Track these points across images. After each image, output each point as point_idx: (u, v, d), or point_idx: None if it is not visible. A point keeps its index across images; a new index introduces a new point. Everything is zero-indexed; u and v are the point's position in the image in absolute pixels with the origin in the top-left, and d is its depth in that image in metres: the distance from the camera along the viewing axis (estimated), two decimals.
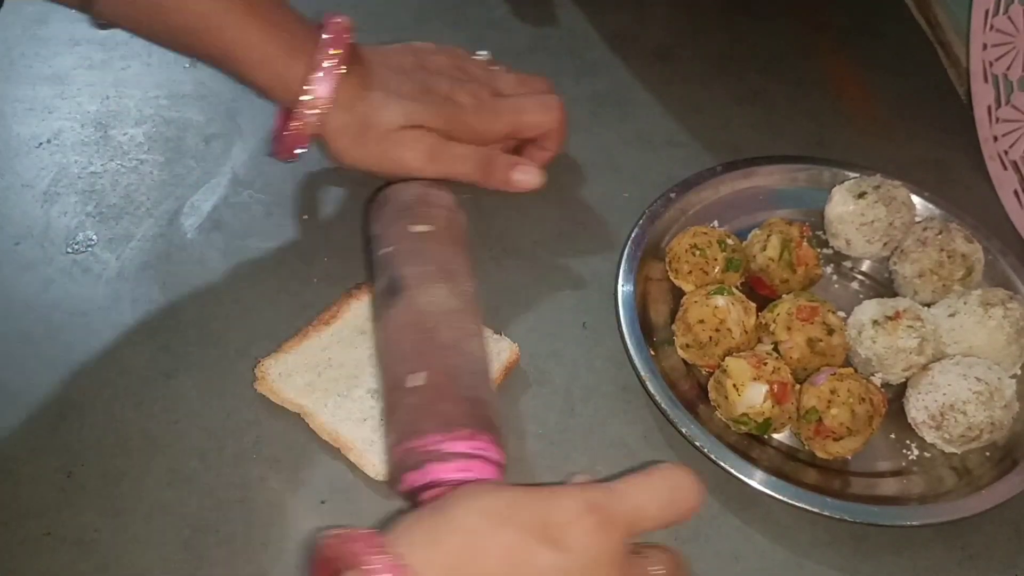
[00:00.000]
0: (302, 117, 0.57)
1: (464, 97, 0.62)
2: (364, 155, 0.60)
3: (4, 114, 0.68)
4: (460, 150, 0.61)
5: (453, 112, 0.61)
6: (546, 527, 0.39)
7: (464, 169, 0.61)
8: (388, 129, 0.59)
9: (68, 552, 0.48)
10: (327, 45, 0.57)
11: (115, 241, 0.61)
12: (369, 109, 0.59)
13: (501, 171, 0.62)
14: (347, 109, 0.58)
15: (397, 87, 0.60)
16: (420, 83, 0.61)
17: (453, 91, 0.62)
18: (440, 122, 0.60)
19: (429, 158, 0.60)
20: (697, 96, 0.74)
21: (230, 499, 0.51)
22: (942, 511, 0.51)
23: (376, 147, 0.60)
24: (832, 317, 0.55)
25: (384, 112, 0.59)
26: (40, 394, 0.54)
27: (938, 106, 0.75)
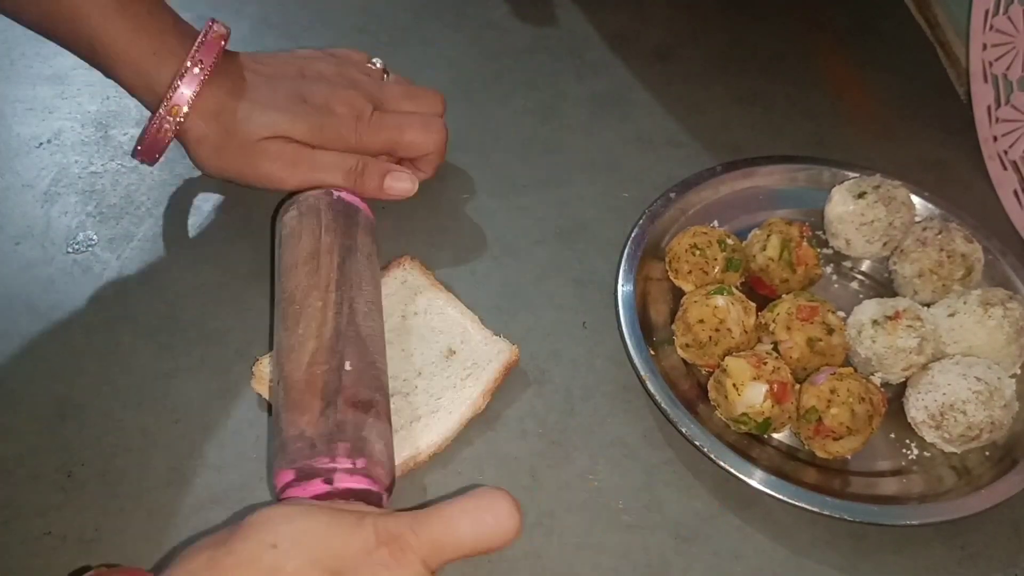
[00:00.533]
0: (160, 122, 0.57)
1: (340, 107, 0.60)
2: (225, 166, 0.59)
3: (4, 114, 0.68)
4: (325, 158, 0.60)
5: (324, 122, 0.59)
6: (336, 561, 0.38)
7: (331, 178, 0.59)
8: (250, 139, 0.58)
9: (68, 552, 0.48)
10: (197, 51, 0.56)
11: (115, 241, 0.61)
12: (232, 120, 0.58)
13: (374, 178, 0.60)
14: (210, 118, 0.57)
15: (266, 97, 0.59)
16: (293, 92, 0.60)
17: (329, 99, 0.60)
18: (306, 132, 0.59)
19: (291, 166, 0.59)
20: (697, 96, 0.74)
21: (230, 499, 0.51)
22: (942, 510, 0.51)
23: (237, 158, 0.59)
24: (832, 317, 0.55)
25: (247, 123, 0.58)
26: (40, 394, 0.54)
27: (938, 106, 0.75)
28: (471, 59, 0.75)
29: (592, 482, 0.53)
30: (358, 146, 0.61)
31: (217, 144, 0.58)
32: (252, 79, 0.59)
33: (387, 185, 0.61)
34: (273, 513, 0.40)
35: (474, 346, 0.56)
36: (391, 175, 0.61)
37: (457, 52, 0.76)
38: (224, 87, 0.57)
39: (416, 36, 0.77)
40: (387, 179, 0.61)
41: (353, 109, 0.60)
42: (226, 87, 0.58)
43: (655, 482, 0.53)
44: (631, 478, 0.53)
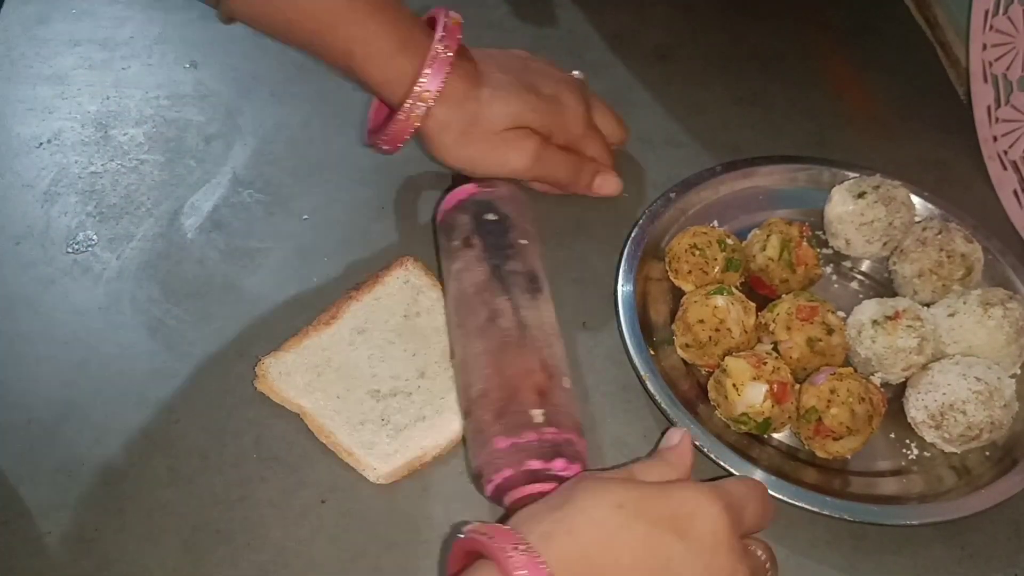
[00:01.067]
0: (410, 109, 0.57)
1: (569, 99, 0.62)
2: (466, 153, 0.60)
3: (4, 114, 0.68)
4: (560, 156, 0.62)
5: (556, 112, 0.61)
6: (675, 519, 0.40)
7: (560, 174, 0.62)
8: (494, 128, 0.59)
9: (68, 551, 0.48)
10: (439, 41, 0.57)
11: (115, 241, 0.61)
12: (476, 107, 0.59)
13: (587, 177, 0.64)
14: (453, 106, 0.58)
15: (502, 87, 0.60)
16: (526, 83, 0.61)
17: (559, 94, 0.62)
18: (543, 122, 0.61)
19: (534, 160, 0.60)
20: (697, 96, 0.74)
21: (230, 499, 0.51)
22: (942, 510, 0.51)
23: (480, 145, 0.60)
24: (832, 317, 0.55)
25: (491, 110, 0.59)
26: (40, 394, 0.54)
27: (938, 106, 0.75)
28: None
29: None
30: (578, 142, 0.63)
31: (460, 131, 0.59)
32: (488, 70, 0.60)
33: (597, 184, 0.64)
34: (604, 479, 0.43)
35: None
36: (601, 175, 0.64)
37: None
38: (465, 75, 0.58)
39: None
40: (597, 178, 0.64)
41: (580, 108, 0.63)
42: (467, 75, 0.59)
43: None
44: None
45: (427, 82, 0.57)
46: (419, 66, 0.57)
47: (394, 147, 0.60)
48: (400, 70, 0.57)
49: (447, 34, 0.58)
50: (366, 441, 0.52)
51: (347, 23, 0.56)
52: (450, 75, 0.57)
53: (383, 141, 0.60)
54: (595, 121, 0.65)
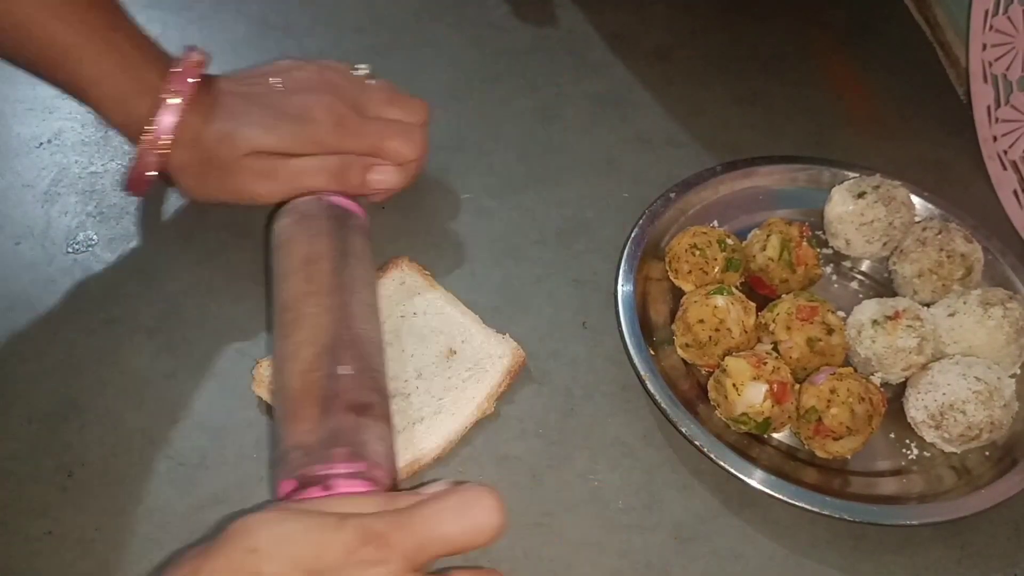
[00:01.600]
0: (144, 155, 0.56)
1: (320, 113, 0.59)
2: (210, 190, 0.59)
3: (4, 114, 0.68)
4: (306, 164, 0.58)
5: (303, 131, 0.58)
6: (318, 561, 0.38)
7: (314, 181, 0.58)
8: (229, 159, 0.57)
9: (69, 551, 0.48)
10: (173, 81, 0.56)
11: (115, 241, 0.61)
12: (210, 143, 0.57)
13: (356, 174, 0.59)
14: (189, 146, 0.57)
15: (242, 115, 0.58)
16: (271, 106, 0.59)
17: (310, 107, 0.59)
18: (284, 142, 0.58)
19: (271, 180, 0.58)
20: (697, 96, 0.74)
21: (230, 499, 0.51)
22: (942, 510, 0.52)
23: (219, 180, 0.58)
24: (832, 317, 0.55)
25: (223, 143, 0.57)
26: (40, 394, 0.54)
27: (938, 106, 0.75)
28: (471, 59, 0.75)
29: (592, 482, 0.53)
30: (338, 151, 0.60)
31: (199, 170, 0.58)
32: (228, 100, 0.58)
33: (371, 179, 0.60)
34: (253, 519, 0.40)
35: (476, 346, 0.56)
36: (374, 169, 0.60)
37: (457, 52, 0.76)
38: (202, 113, 0.57)
39: (416, 36, 0.77)
40: (370, 173, 0.60)
41: (333, 115, 0.59)
42: (203, 113, 0.57)
43: (655, 482, 0.53)
44: (631, 478, 0.53)
45: (159, 125, 0.55)
46: (150, 111, 0.55)
47: (139, 190, 0.59)
48: (134, 113, 0.56)
49: (180, 75, 0.56)
50: None
51: (77, 58, 0.54)
52: (184, 116, 0.56)
53: (128, 186, 0.59)
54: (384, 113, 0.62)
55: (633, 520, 0.51)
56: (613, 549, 0.50)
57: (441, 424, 0.53)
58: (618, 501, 0.52)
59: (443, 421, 0.53)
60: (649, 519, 0.52)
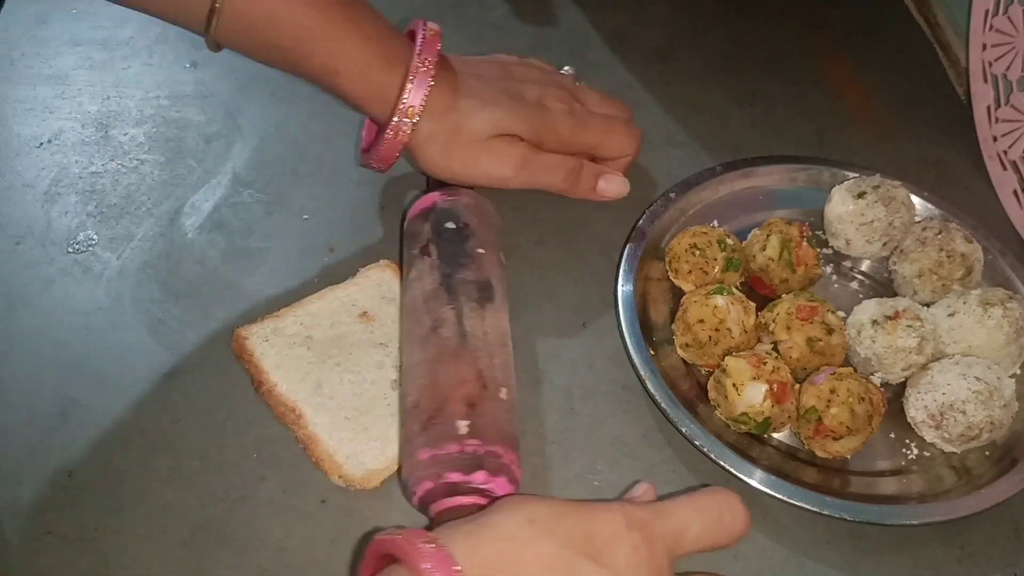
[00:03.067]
0: (397, 127, 0.57)
1: (554, 103, 0.61)
2: (452, 164, 0.59)
3: (4, 114, 0.68)
4: (549, 160, 0.61)
5: (543, 118, 0.61)
6: (589, 541, 0.39)
7: (552, 179, 0.61)
8: (477, 137, 0.59)
9: (69, 551, 0.48)
10: (419, 54, 0.57)
11: (116, 241, 0.61)
12: (459, 117, 0.58)
13: (587, 179, 0.62)
14: (437, 118, 0.58)
15: (487, 95, 0.59)
16: (508, 90, 0.61)
17: (543, 97, 0.61)
18: (529, 129, 0.60)
19: (519, 167, 0.60)
20: (697, 96, 0.74)
21: (230, 499, 0.51)
22: (941, 510, 0.51)
23: (465, 155, 0.59)
24: (831, 317, 0.55)
25: (473, 120, 0.58)
26: (40, 394, 0.54)
27: (938, 106, 0.75)
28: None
29: (592, 482, 0.53)
30: (572, 142, 0.62)
31: (444, 143, 0.58)
32: (468, 79, 0.60)
33: (601, 187, 0.63)
34: (528, 496, 0.42)
35: None
36: (604, 177, 0.63)
37: (457, 52, 0.76)
38: (446, 86, 0.58)
39: None
40: (601, 181, 0.63)
41: (567, 105, 0.62)
42: (448, 86, 0.58)
43: (655, 481, 0.52)
44: (631, 478, 0.53)
45: (410, 97, 0.56)
46: (401, 81, 0.56)
47: (386, 165, 0.60)
48: (382, 86, 0.57)
49: (426, 46, 0.57)
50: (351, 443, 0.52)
51: (325, 39, 0.55)
52: (432, 88, 0.57)
53: (375, 160, 0.60)
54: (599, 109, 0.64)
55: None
56: None
57: None
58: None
59: None
60: None
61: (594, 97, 0.65)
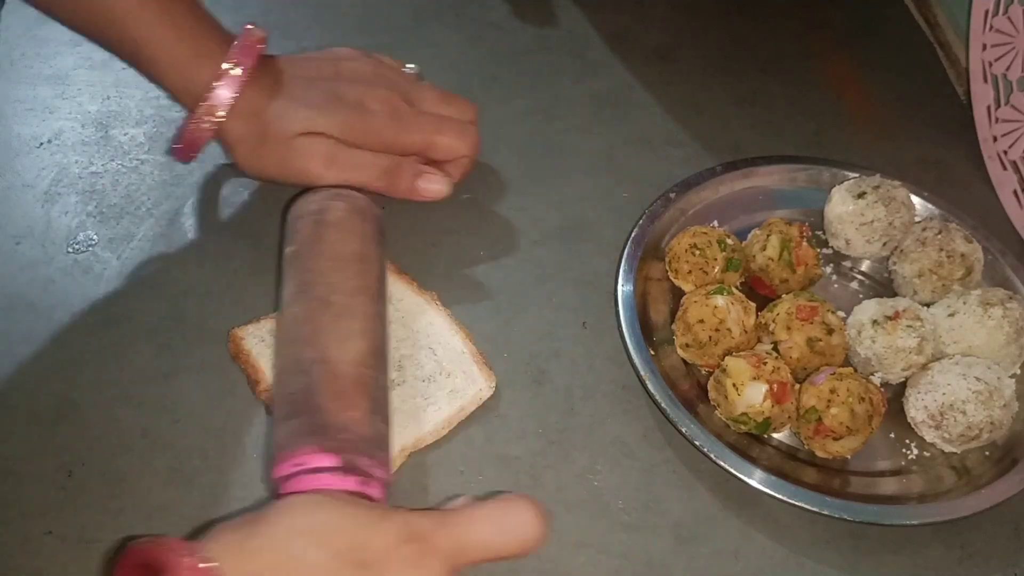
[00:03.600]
0: (197, 121, 0.57)
1: (376, 104, 0.60)
2: (263, 164, 0.59)
3: (4, 114, 0.68)
4: (362, 157, 0.59)
5: (359, 119, 0.59)
6: (362, 552, 0.38)
7: (366, 176, 0.59)
8: (286, 136, 0.58)
9: (68, 551, 0.48)
10: (234, 53, 0.57)
11: (116, 241, 0.61)
12: (269, 118, 0.58)
13: (406, 179, 0.60)
14: (247, 118, 0.57)
15: (302, 96, 0.59)
16: (329, 91, 0.60)
17: (365, 97, 0.60)
18: (342, 129, 0.59)
19: (326, 163, 0.58)
20: (697, 96, 0.74)
21: (230, 499, 0.51)
22: (941, 510, 0.52)
23: (274, 155, 0.59)
24: (832, 317, 0.55)
25: (283, 120, 0.58)
26: (40, 394, 0.54)
27: (938, 106, 0.75)
28: (471, 59, 0.75)
29: (592, 482, 0.53)
30: (393, 143, 0.61)
31: (255, 143, 0.58)
32: (289, 80, 0.60)
33: (420, 186, 0.60)
34: (303, 500, 0.40)
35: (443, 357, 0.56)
36: (424, 177, 0.61)
37: (457, 52, 0.76)
38: (261, 88, 0.58)
39: (416, 36, 0.77)
40: (420, 180, 0.60)
41: (389, 107, 0.61)
42: (263, 88, 0.58)
43: (655, 482, 0.53)
44: (631, 478, 0.53)
45: (214, 97, 0.56)
46: (208, 79, 0.56)
47: (187, 156, 0.60)
48: (192, 79, 0.56)
49: (241, 50, 0.57)
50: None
51: (137, 23, 0.55)
52: (244, 88, 0.56)
53: (177, 148, 0.60)
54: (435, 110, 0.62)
55: (633, 520, 0.51)
56: (613, 549, 0.50)
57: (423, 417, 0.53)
58: (618, 501, 0.52)
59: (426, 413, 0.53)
60: (649, 519, 0.52)
61: (432, 96, 0.63)
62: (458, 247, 0.63)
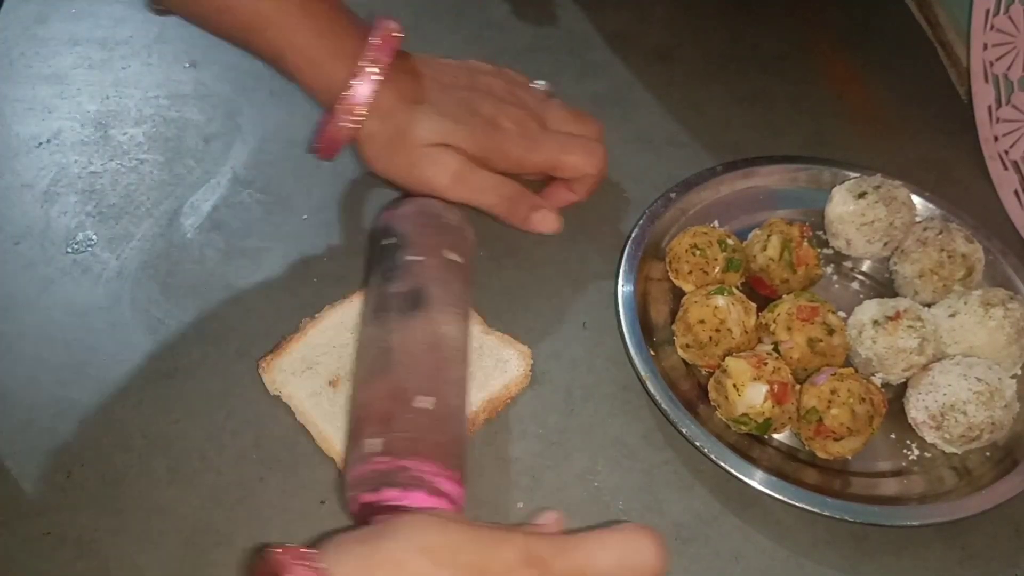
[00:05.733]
0: (336, 119, 0.57)
1: (508, 122, 0.60)
2: (391, 165, 0.59)
3: (4, 114, 0.68)
4: (488, 180, 0.60)
5: (491, 136, 0.60)
6: (482, 574, 0.38)
7: (488, 200, 0.60)
8: (419, 143, 0.58)
9: (68, 552, 0.48)
10: (371, 50, 0.57)
11: (115, 241, 0.61)
12: (404, 121, 0.58)
13: (524, 210, 0.60)
14: (383, 117, 0.57)
15: (438, 103, 0.59)
16: (464, 102, 0.60)
17: (497, 114, 0.60)
18: (475, 144, 0.59)
19: (454, 179, 0.59)
20: (697, 96, 0.74)
21: (230, 499, 0.51)
22: (942, 511, 0.51)
23: (404, 159, 0.59)
24: (832, 317, 0.55)
25: (418, 126, 0.58)
26: (40, 394, 0.54)
27: (938, 106, 0.75)
28: (471, 59, 0.75)
29: (592, 482, 0.53)
30: (521, 163, 0.61)
31: (386, 143, 0.58)
32: (426, 84, 0.59)
33: (535, 220, 0.60)
34: (425, 519, 0.40)
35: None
36: (540, 212, 0.61)
37: (457, 52, 0.75)
38: (398, 88, 0.58)
39: (416, 36, 0.76)
40: (535, 214, 0.60)
41: (520, 126, 0.61)
42: (400, 89, 0.58)
43: (655, 482, 0.53)
44: (631, 478, 0.53)
45: (355, 93, 0.56)
46: (348, 76, 0.56)
47: (328, 154, 0.60)
48: (330, 78, 0.57)
49: (379, 46, 0.57)
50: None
51: (277, 24, 0.56)
52: (381, 87, 0.56)
53: (317, 147, 0.60)
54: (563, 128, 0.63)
55: (633, 520, 0.51)
56: None
57: None
58: (618, 501, 0.52)
59: None
60: (649, 519, 0.51)
61: (560, 115, 0.63)
62: None
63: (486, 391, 0.55)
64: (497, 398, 0.54)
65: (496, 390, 0.55)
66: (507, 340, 0.57)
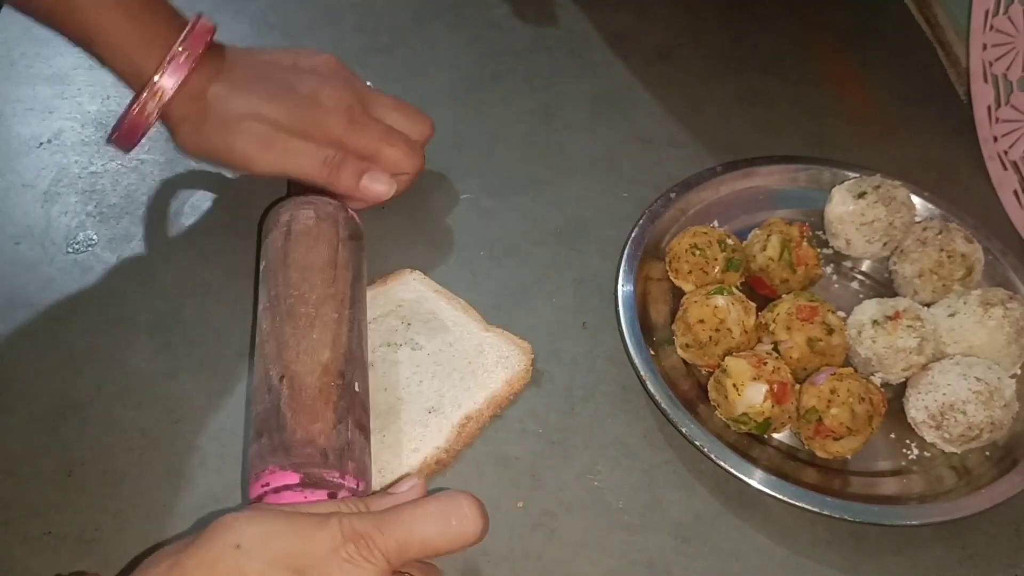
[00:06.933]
0: (143, 104, 0.56)
1: (330, 100, 0.59)
2: (204, 144, 0.58)
3: (4, 114, 0.68)
4: (303, 145, 0.57)
5: (308, 110, 0.58)
6: (300, 559, 0.39)
7: (306, 165, 0.58)
8: (228, 118, 0.57)
9: (68, 551, 0.48)
10: (184, 40, 0.56)
11: (115, 241, 0.61)
12: (215, 99, 0.57)
13: (349, 174, 0.58)
14: (194, 98, 0.57)
15: (252, 80, 0.58)
16: (282, 81, 0.59)
17: (319, 91, 0.59)
18: (286, 117, 0.57)
19: (266, 147, 0.57)
20: (697, 96, 0.74)
21: (230, 499, 0.51)
22: (942, 510, 0.51)
23: (215, 136, 0.57)
24: (832, 317, 0.55)
25: (226, 102, 0.57)
26: (40, 394, 0.54)
27: (938, 106, 0.75)
28: (471, 59, 0.75)
29: (592, 482, 0.53)
30: (343, 140, 0.59)
31: (197, 123, 0.57)
32: (240, 67, 0.59)
33: (363, 184, 0.58)
34: (238, 516, 0.40)
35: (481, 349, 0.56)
36: (369, 174, 0.59)
37: (457, 52, 0.76)
38: (209, 73, 0.57)
39: (416, 36, 0.77)
40: (364, 178, 0.58)
41: (342, 104, 0.59)
42: (211, 73, 0.57)
43: (655, 482, 0.53)
44: (631, 478, 0.53)
45: (162, 80, 0.56)
46: (157, 64, 0.56)
47: (127, 143, 0.59)
48: (141, 63, 0.56)
49: (193, 36, 0.56)
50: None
51: (85, 8, 0.55)
52: (192, 72, 0.56)
53: (115, 135, 0.58)
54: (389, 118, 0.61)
55: (633, 520, 0.51)
56: (613, 549, 0.50)
57: (437, 426, 0.53)
58: (618, 501, 0.52)
59: (438, 423, 0.53)
60: (649, 519, 0.52)
61: (388, 104, 0.62)
62: (458, 247, 0.63)
63: (489, 388, 0.55)
64: (501, 394, 0.54)
65: (499, 386, 0.55)
66: (508, 337, 0.57)
